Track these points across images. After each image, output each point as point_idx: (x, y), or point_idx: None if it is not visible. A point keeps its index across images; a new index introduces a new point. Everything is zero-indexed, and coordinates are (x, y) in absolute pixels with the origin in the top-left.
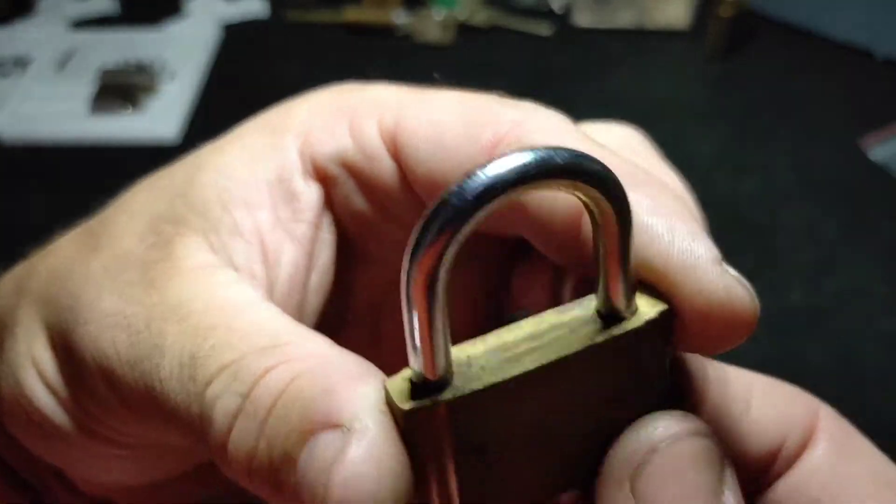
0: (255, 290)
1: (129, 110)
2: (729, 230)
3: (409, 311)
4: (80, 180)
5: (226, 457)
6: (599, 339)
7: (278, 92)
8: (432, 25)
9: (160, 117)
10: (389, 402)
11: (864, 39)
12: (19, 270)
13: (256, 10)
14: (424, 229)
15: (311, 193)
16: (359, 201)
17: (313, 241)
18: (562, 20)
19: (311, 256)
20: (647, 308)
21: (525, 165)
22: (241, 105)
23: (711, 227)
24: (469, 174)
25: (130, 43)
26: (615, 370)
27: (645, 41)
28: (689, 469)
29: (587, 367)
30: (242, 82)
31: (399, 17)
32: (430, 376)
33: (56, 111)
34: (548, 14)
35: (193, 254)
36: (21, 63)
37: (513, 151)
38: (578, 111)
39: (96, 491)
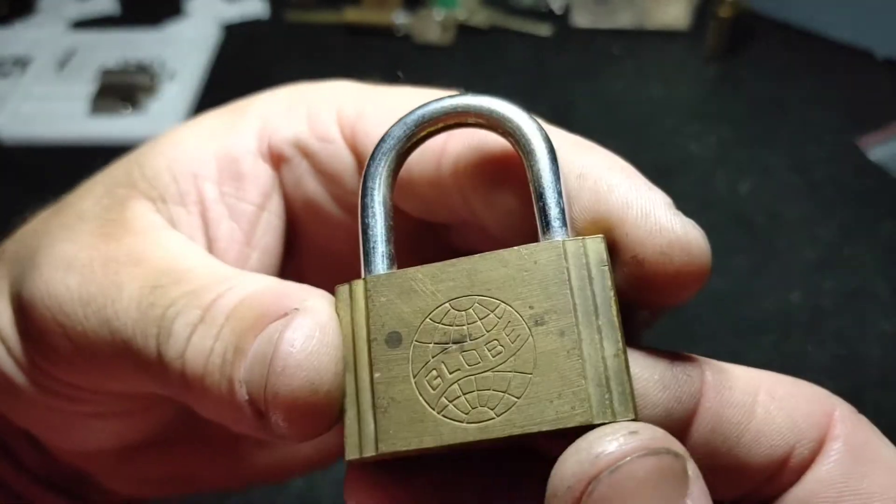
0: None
1: (129, 110)
2: (729, 230)
3: (363, 219)
4: (80, 180)
5: (183, 372)
6: (518, 247)
7: None
8: (432, 26)
9: (160, 117)
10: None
11: (864, 39)
12: (6, 243)
13: (256, 11)
14: (375, 150)
15: (260, 174)
16: (311, 183)
17: (256, 219)
18: (561, 20)
19: (250, 234)
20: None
21: (445, 105)
22: None
23: (711, 226)
24: (402, 117)
25: (130, 43)
26: (541, 283)
27: (644, 41)
28: (641, 495)
29: (507, 274)
30: (242, 82)
31: (399, 18)
32: (378, 269)
33: (56, 111)
34: (547, 14)
35: (144, 214)
36: (21, 63)
37: (440, 98)
38: (578, 111)
39: (69, 458)
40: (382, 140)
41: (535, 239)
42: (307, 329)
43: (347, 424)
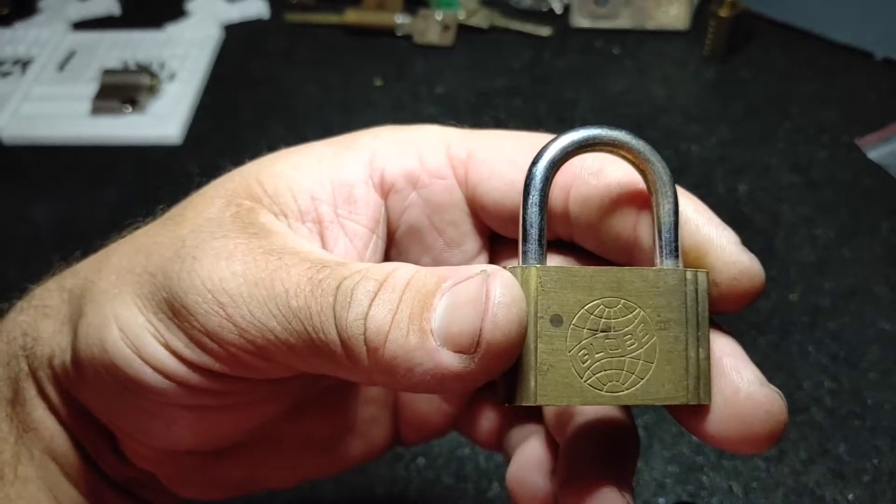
0: None
1: (130, 111)
2: None
3: (525, 213)
4: (81, 181)
5: (365, 333)
6: (655, 267)
7: (279, 93)
8: (432, 26)
9: (161, 118)
10: None
11: (864, 40)
12: (97, 255)
13: (257, 11)
14: (534, 162)
15: (370, 201)
16: (416, 213)
17: (367, 240)
18: (561, 20)
19: (363, 253)
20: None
21: (589, 133)
22: (242, 106)
23: None
24: (554, 138)
25: (131, 43)
26: (667, 298)
27: (644, 42)
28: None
29: (645, 287)
30: (243, 83)
31: (399, 18)
32: (531, 262)
33: (57, 111)
34: (547, 14)
35: (274, 222)
36: (22, 63)
37: (584, 127)
38: (578, 111)
39: (145, 462)
40: (540, 154)
41: (627, 255)
42: (508, 280)
43: (512, 378)
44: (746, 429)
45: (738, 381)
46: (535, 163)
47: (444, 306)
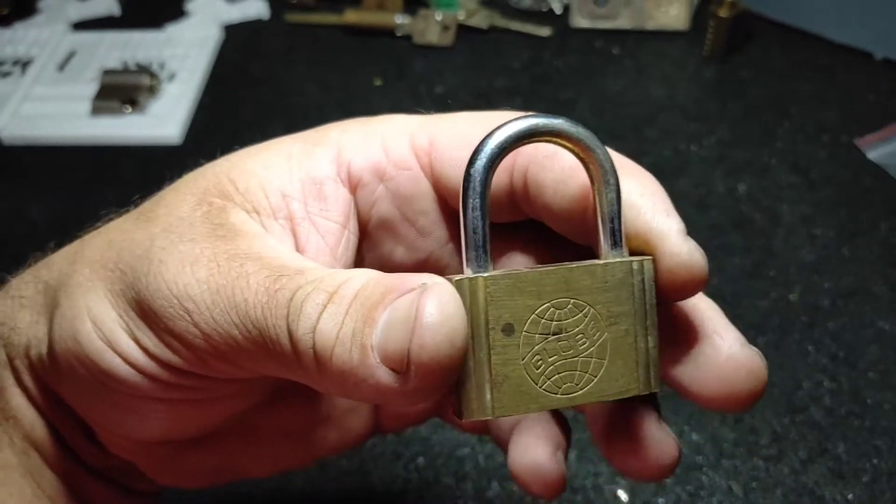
0: None
1: (130, 111)
2: (728, 230)
3: (465, 218)
4: (81, 181)
5: (313, 346)
6: (602, 261)
7: (279, 93)
8: (432, 26)
9: (161, 118)
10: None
11: (864, 40)
12: (71, 247)
13: (257, 12)
14: (471, 162)
15: (340, 196)
16: (385, 205)
17: (340, 236)
18: (561, 21)
19: (335, 249)
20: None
21: (527, 124)
22: (242, 106)
23: (710, 226)
24: (491, 132)
25: (131, 43)
26: (616, 292)
27: (644, 42)
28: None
29: (594, 283)
30: (243, 83)
31: (399, 19)
32: (475, 271)
33: (57, 112)
34: (547, 14)
35: (245, 221)
36: (22, 63)
37: (523, 118)
38: (578, 111)
39: (121, 451)
40: (476, 153)
41: (586, 234)
42: (443, 296)
43: (467, 392)
44: (729, 388)
45: (720, 343)
46: (471, 163)
47: (383, 321)
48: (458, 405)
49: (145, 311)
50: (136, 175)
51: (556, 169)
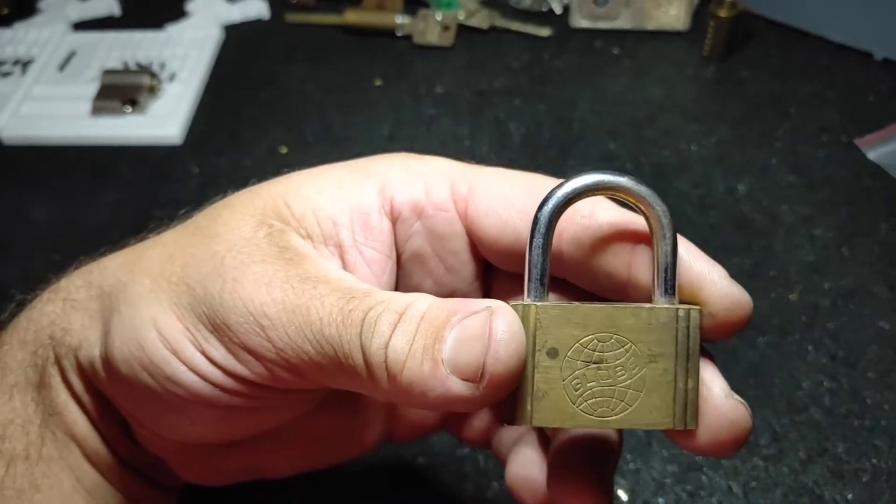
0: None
1: (130, 111)
2: (728, 230)
3: (529, 254)
4: (81, 181)
5: (385, 360)
6: (648, 305)
7: (279, 93)
8: (432, 27)
9: (161, 118)
10: None
11: (863, 40)
12: (124, 254)
13: (257, 12)
14: (540, 207)
15: (384, 228)
16: (419, 241)
17: (384, 265)
18: (561, 21)
19: (380, 278)
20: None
21: (594, 180)
22: (242, 106)
23: (710, 226)
24: (561, 183)
25: (131, 43)
26: (658, 334)
27: (644, 42)
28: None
29: (637, 324)
30: (243, 83)
31: (399, 19)
32: (533, 299)
33: (57, 112)
34: (547, 15)
35: (304, 245)
36: (22, 63)
37: (589, 172)
38: (578, 112)
39: (157, 449)
40: (546, 199)
41: (621, 291)
42: (509, 317)
43: (512, 402)
44: (714, 438)
45: (706, 393)
46: (541, 208)
47: (453, 339)
48: (504, 413)
49: (217, 326)
50: (137, 175)
51: (594, 227)
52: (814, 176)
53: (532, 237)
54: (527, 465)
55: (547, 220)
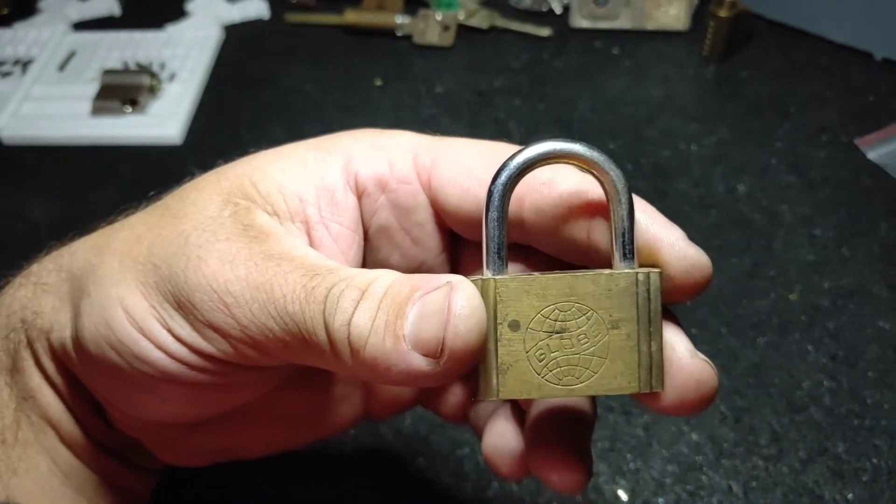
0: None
1: (130, 111)
2: (728, 230)
3: (486, 227)
4: (81, 181)
5: (348, 336)
6: (607, 271)
7: (279, 93)
8: (432, 27)
9: (161, 118)
10: None
11: (864, 39)
12: (94, 238)
13: (257, 12)
14: (493, 180)
15: (350, 204)
16: (384, 215)
17: (350, 240)
18: (561, 21)
19: (347, 253)
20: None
21: (546, 148)
22: (242, 106)
23: (710, 226)
24: (514, 154)
25: (131, 43)
26: (619, 300)
27: (643, 42)
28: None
29: (597, 291)
30: (243, 83)
31: (399, 19)
32: (493, 272)
33: (57, 112)
34: (547, 15)
35: (270, 223)
36: (22, 63)
37: (542, 141)
38: (578, 111)
39: (130, 430)
40: (500, 171)
41: (582, 256)
42: (469, 292)
43: (477, 377)
44: (680, 397)
45: (671, 354)
46: (494, 180)
47: (414, 314)
48: (472, 387)
49: (182, 304)
50: (137, 175)
51: (554, 195)
52: (814, 176)
53: (487, 210)
54: (501, 436)
55: (501, 192)
